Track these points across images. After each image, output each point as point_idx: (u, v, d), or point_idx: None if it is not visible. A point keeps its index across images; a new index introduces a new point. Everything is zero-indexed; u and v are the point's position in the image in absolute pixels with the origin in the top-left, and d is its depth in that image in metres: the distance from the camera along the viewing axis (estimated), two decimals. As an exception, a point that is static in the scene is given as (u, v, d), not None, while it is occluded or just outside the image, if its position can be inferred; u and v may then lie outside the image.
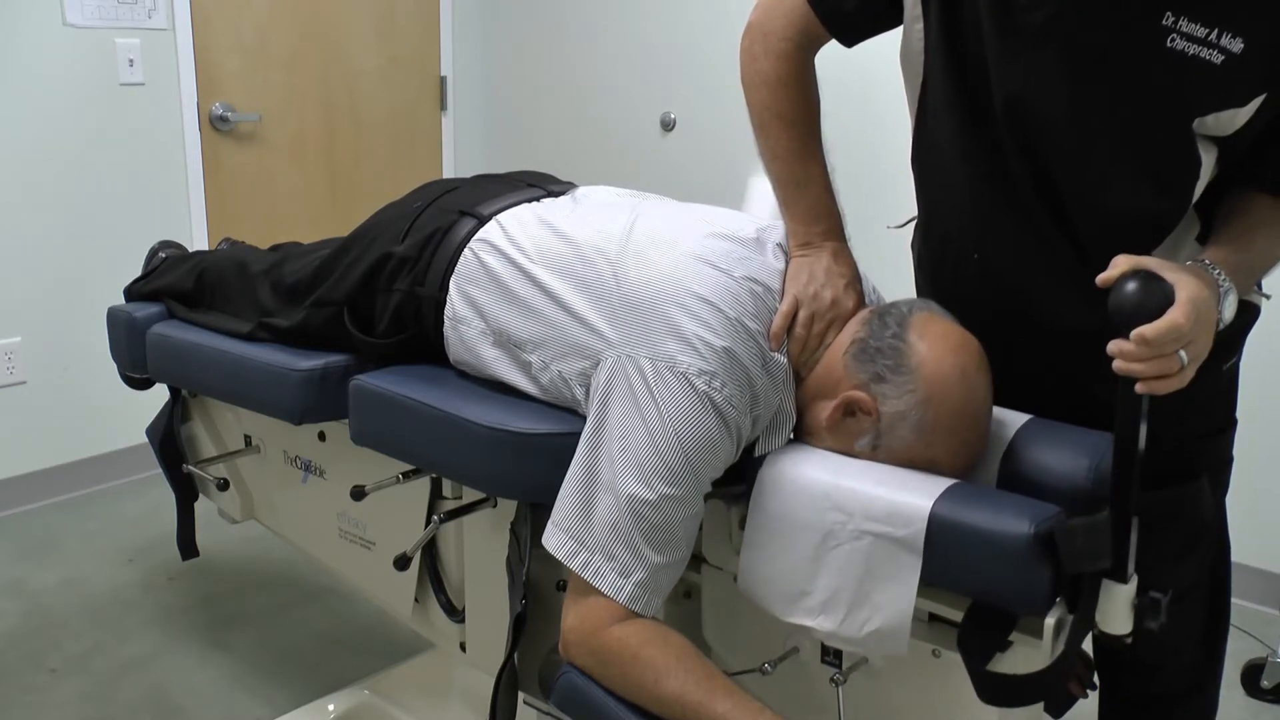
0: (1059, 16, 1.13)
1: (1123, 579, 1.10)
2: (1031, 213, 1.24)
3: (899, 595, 1.13)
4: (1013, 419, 1.28)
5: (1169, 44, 1.08)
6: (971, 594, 1.14)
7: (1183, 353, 1.01)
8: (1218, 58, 1.07)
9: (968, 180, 1.29)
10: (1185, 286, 1.02)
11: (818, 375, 1.28)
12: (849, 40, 1.36)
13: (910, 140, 1.38)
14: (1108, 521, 1.07)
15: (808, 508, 1.19)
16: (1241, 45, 1.06)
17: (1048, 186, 1.22)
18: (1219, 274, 1.12)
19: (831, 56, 1.38)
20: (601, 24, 3.67)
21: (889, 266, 1.62)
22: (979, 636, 1.14)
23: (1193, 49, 1.08)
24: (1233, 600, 1.50)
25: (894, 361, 1.21)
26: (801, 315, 1.27)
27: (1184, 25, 1.07)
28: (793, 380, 1.29)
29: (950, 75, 1.23)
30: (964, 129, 1.25)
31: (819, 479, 1.20)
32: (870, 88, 2.66)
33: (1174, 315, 1.00)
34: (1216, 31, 1.06)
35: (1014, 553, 1.07)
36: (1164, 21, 1.08)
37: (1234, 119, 1.12)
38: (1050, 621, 1.10)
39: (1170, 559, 1.34)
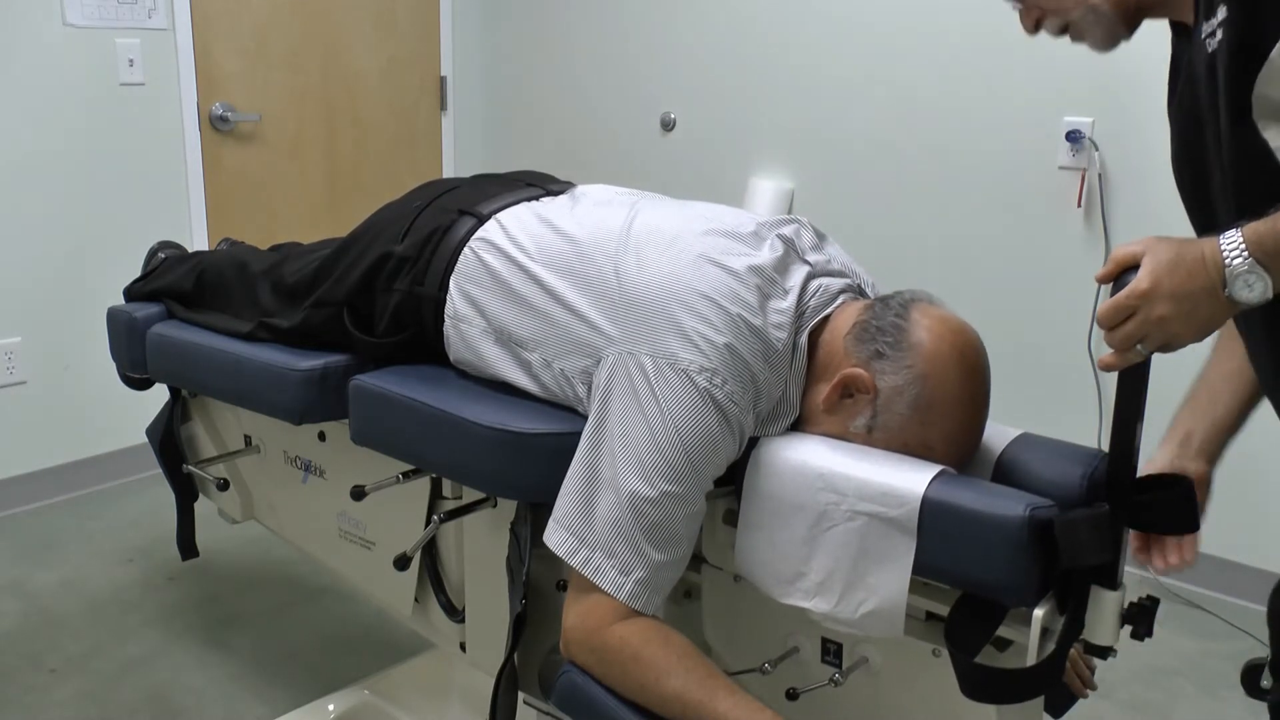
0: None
1: (1113, 585, 1.10)
2: None
3: (893, 576, 1.13)
4: (1003, 433, 1.28)
5: (1209, 50, 1.07)
6: (961, 584, 1.13)
7: (1140, 345, 1.01)
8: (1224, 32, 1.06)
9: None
10: (1145, 265, 1.01)
11: (819, 361, 1.28)
12: None
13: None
14: (1108, 515, 1.07)
15: (802, 489, 1.19)
16: (1225, 10, 1.06)
17: None
18: (1233, 252, 1.08)
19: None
20: (601, 24, 3.67)
21: (895, 267, 1.63)
22: (965, 627, 1.13)
23: (1213, 43, 1.07)
24: (1233, 600, 1.49)
25: (893, 338, 1.22)
26: None
27: (1205, 27, 1.07)
28: (803, 368, 1.28)
29: None
30: None
31: (812, 460, 1.20)
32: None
33: (1117, 298, 1.00)
34: (1215, 19, 1.06)
35: (1007, 537, 1.06)
36: (1201, 37, 1.07)
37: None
38: (1039, 614, 1.09)
39: None
